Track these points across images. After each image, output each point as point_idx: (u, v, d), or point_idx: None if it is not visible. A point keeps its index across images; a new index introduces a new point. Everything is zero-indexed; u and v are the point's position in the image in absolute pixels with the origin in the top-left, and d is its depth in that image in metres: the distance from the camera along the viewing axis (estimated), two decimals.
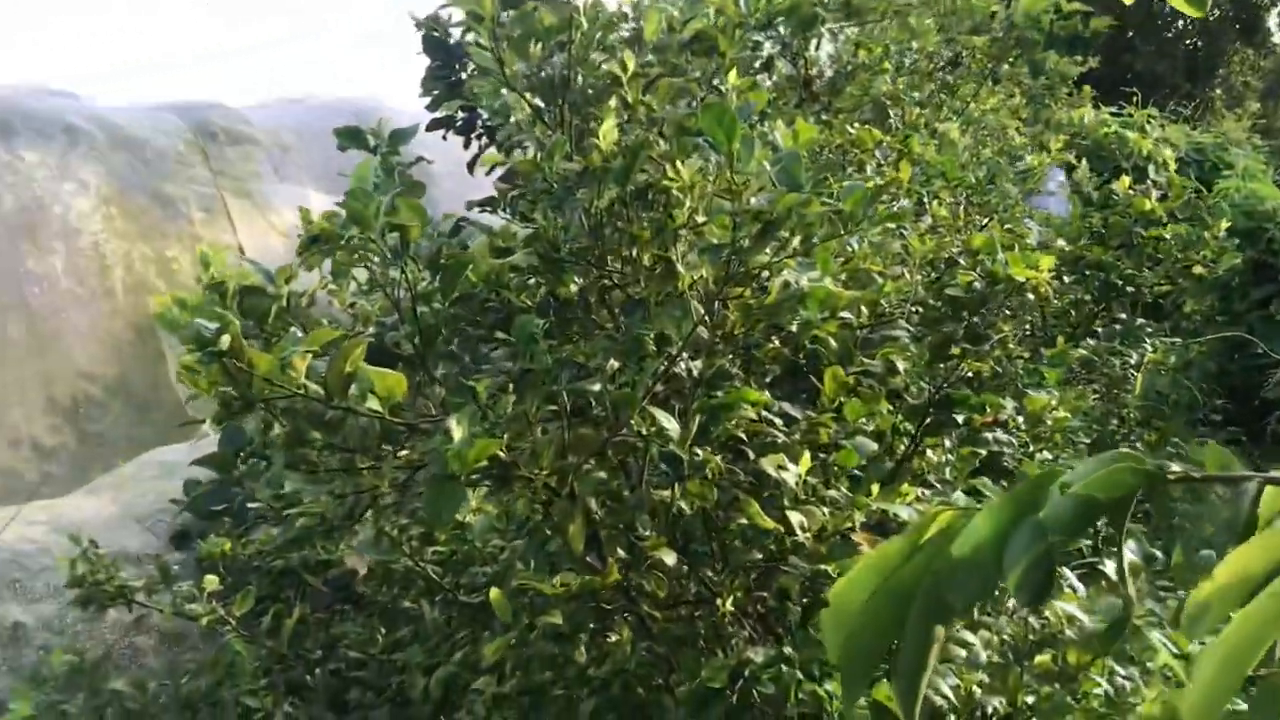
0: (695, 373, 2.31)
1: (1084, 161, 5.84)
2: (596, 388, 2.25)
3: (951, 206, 4.80)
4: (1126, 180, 5.30)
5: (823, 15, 5.15)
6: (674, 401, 2.37)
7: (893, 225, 3.26)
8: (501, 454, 2.09)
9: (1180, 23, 25.84)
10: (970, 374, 3.05)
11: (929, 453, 2.90)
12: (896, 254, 3.77)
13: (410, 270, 2.29)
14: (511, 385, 2.20)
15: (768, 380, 2.81)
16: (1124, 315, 5.57)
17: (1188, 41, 26.08)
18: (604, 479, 2.34)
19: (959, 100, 7.74)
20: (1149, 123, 11.94)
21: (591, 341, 2.45)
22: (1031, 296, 3.03)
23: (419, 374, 2.40)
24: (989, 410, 3.02)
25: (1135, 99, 11.85)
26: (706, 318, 2.26)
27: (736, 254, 2.14)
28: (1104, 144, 9.49)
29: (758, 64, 5.18)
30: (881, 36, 5.77)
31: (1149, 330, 6.03)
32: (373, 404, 2.12)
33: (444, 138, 4.12)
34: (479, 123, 4.09)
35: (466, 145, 4.18)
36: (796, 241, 2.23)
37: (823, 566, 2.39)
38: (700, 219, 2.27)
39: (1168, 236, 5.13)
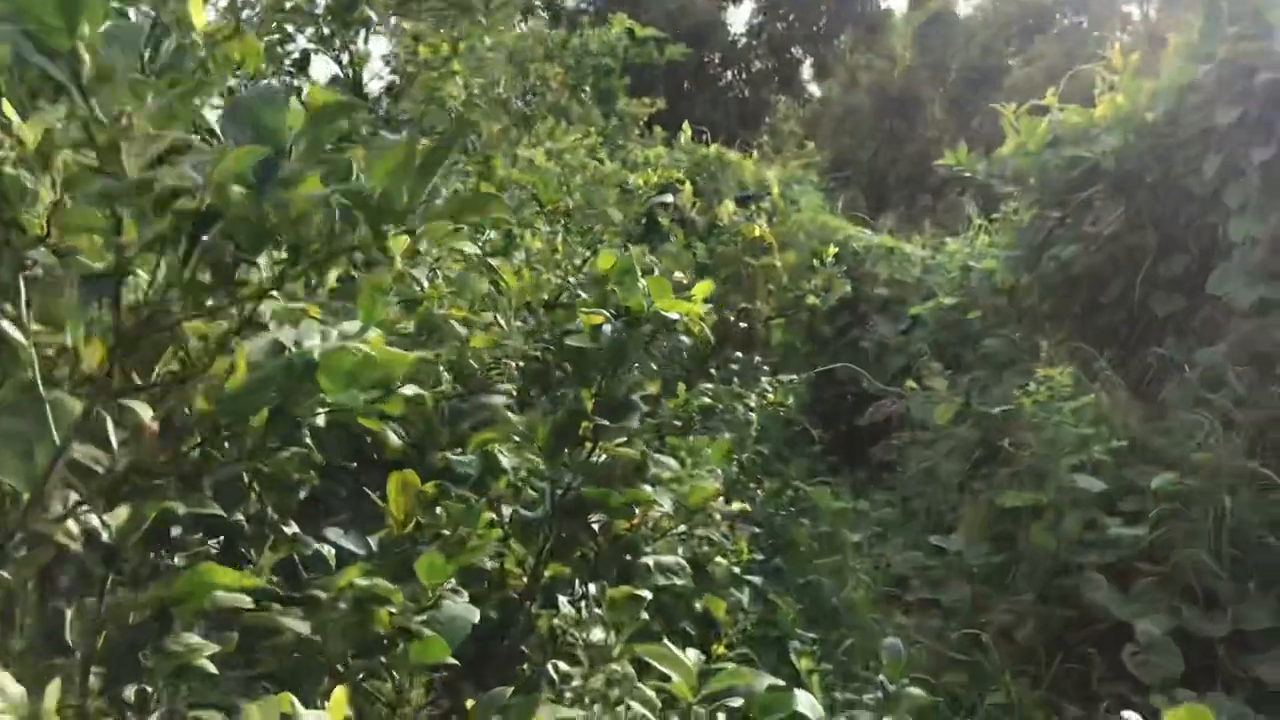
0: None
1: (688, 185, 5.33)
2: None
3: (548, 237, 3.92)
4: (729, 205, 4.76)
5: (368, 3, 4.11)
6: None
7: (474, 253, 2.23)
8: None
9: (729, 74, 27.65)
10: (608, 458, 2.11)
11: (560, 603, 1.87)
12: (486, 295, 2.77)
13: None
14: None
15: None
16: (740, 354, 5.03)
17: (734, 92, 27.96)
18: None
19: (535, 136, 7.02)
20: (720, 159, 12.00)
21: None
22: (686, 339, 2.16)
23: None
24: (639, 510, 2.10)
25: (705, 137, 11.90)
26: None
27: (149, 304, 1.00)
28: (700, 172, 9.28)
29: (288, 61, 4.02)
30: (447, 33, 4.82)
31: (765, 368, 5.58)
32: None
33: None
34: None
35: None
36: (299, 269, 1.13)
37: None
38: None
39: (778, 264, 4.64)
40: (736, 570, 3.49)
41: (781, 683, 1.79)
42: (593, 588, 1.83)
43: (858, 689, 3.64)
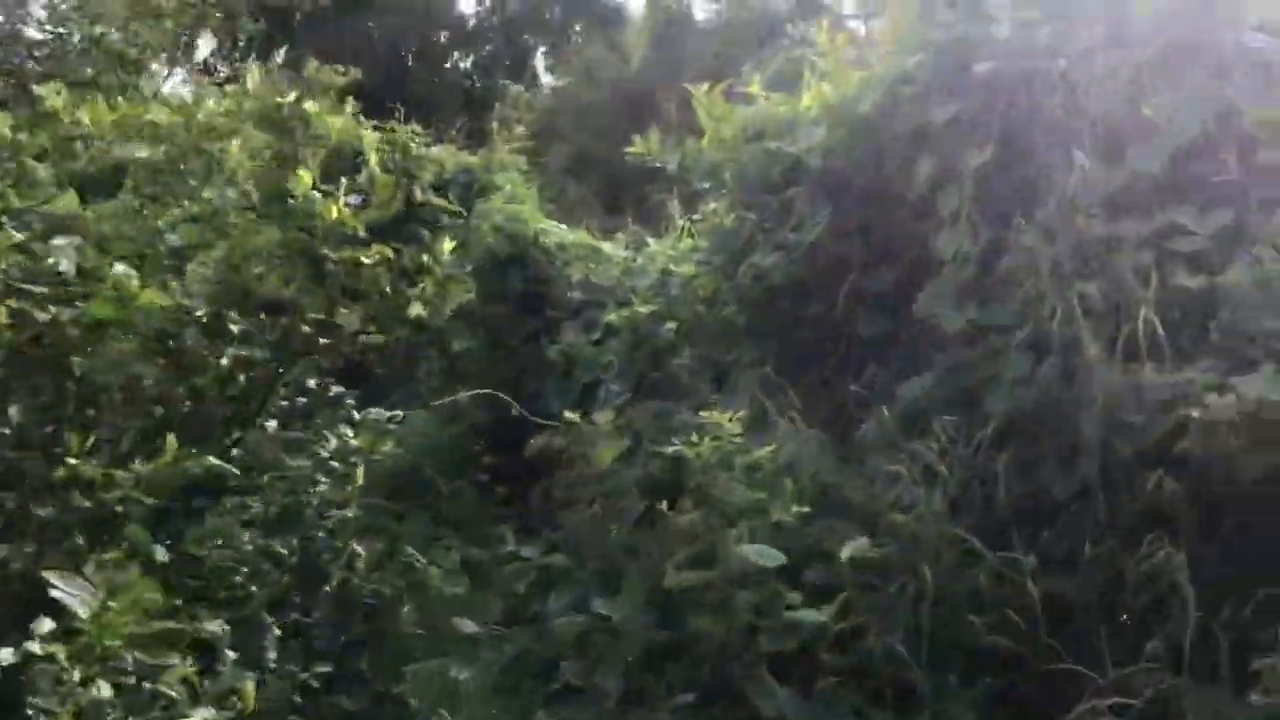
0: None
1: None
2: None
3: None
4: (307, 176, 3.48)
5: None
6: None
7: None
8: None
9: (455, 55, 26.17)
10: None
11: None
12: None
13: None
14: None
15: None
16: (313, 382, 3.75)
17: (464, 77, 26.50)
18: None
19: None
20: (413, 139, 10.64)
21: None
22: None
23: None
24: None
25: (399, 114, 10.48)
26: None
27: None
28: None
29: None
30: None
31: (352, 401, 4.25)
32: None
33: None
34: None
35: None
36: None
37: None
38: None
39: (368, 261, 3.39)
40: None
41: None
42: None
43: None
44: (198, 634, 2.82)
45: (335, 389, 4.06)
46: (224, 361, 3.31)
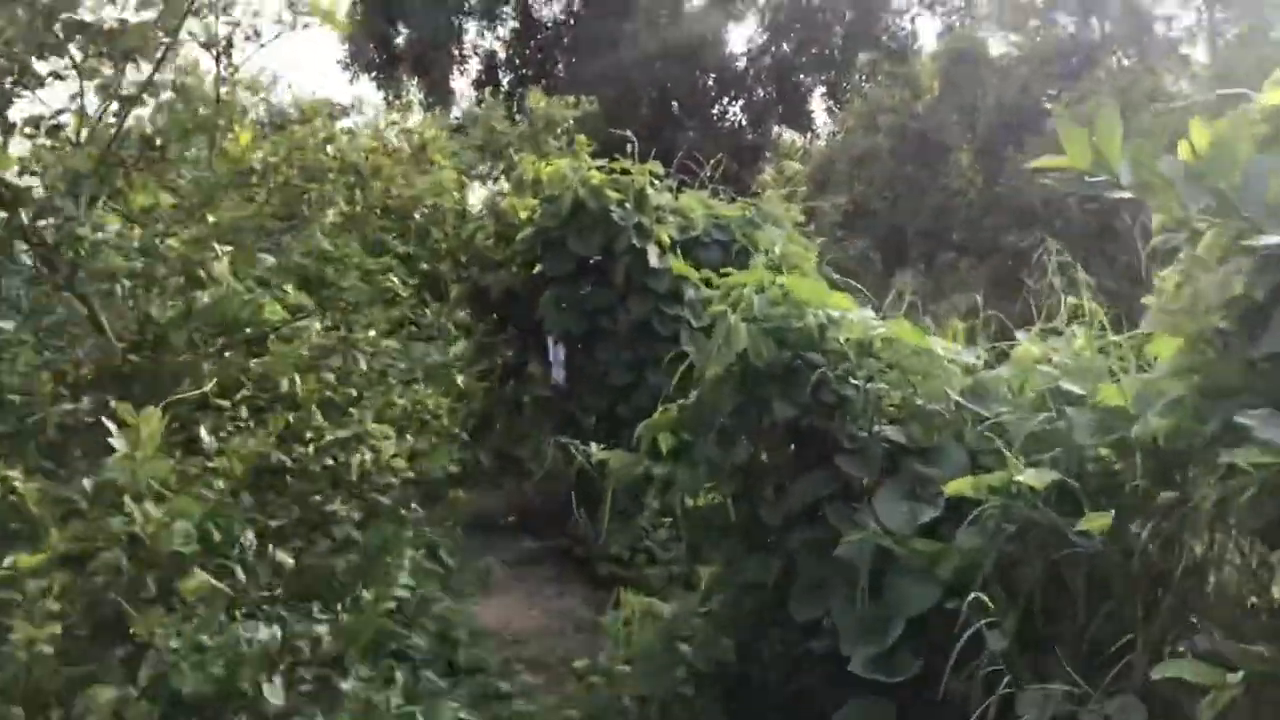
0: None
1: None
2: None
3: None
4: None
5: None
6: None
7: None
8: None
9: (725, 99, 23.63)
10: None
11: None
12: None
13: None
14: None
15: None
16: None
17: (731, 121, 23.91)
18: None
19: None
20: (652, 183, 7.88)
21: None
22: None
23: None
24: None
25: (631, 148, 7.78)
26: None
27: None
28: None
29: None
30: None
31: None
32: None
33: None
34: None
35: None
36: None
37: None
38: None
39: None
40: None
41: None
42: None
43: None
44: None
45: None
46: None
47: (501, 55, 23.15)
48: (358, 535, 3.54)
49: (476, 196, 9.20)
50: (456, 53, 22.82)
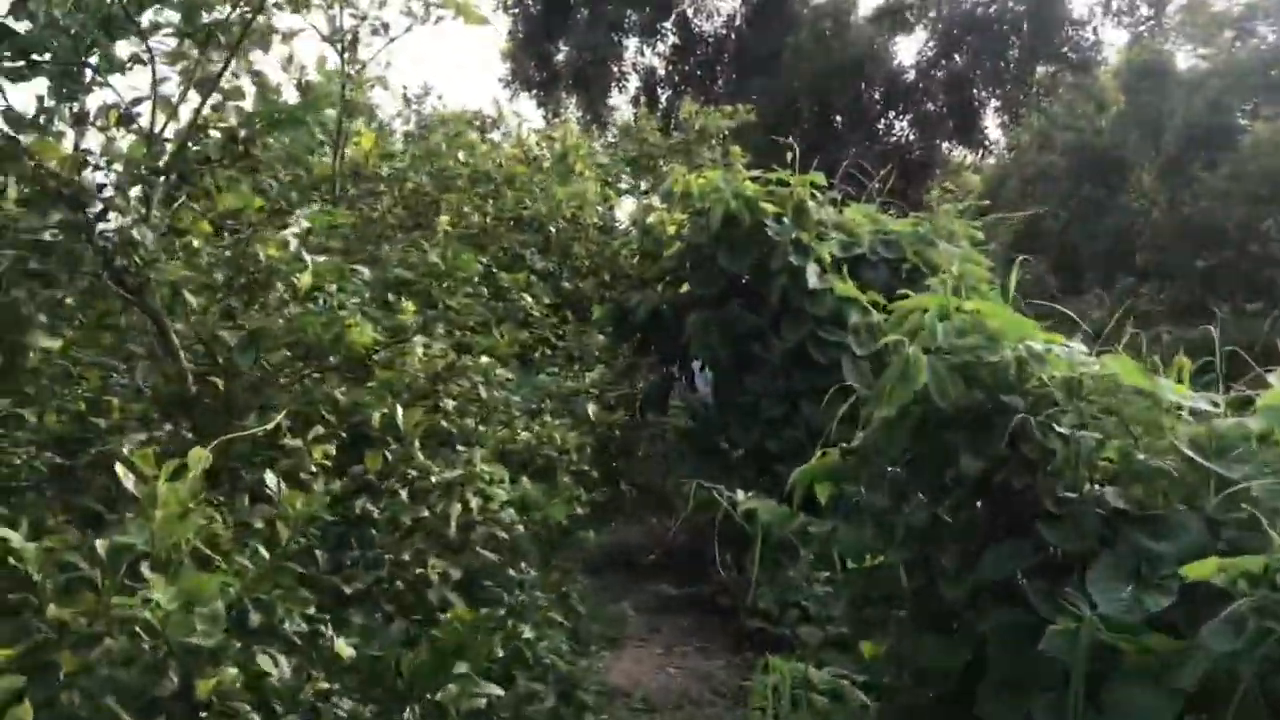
0: None
1: None
2: None
3: None
4: None
5: None
6: None
7: None
8: None
9: (891, 114, 22.61)
10: None
11: None
12: None
13: None
14: None
15: None
16: None
17: (897, 136, 22.85)
18: None
19: None
20: (813, 196, 7.18)
21: None
22: None
23: None
24: None
25: (791, 158, 7.09)
26: None
27: None
28: None
29: None
30: None
31: None
32: None
33: None
34: None
35: None
36: None
37: None
38: None
39: None
40: None
41: None
42: None
43: None
44: None
45: None
46: None
47: (661, 72, 22.79)
48: (455, 598, 2.99)
49: (625, 212, 8.67)
50: (616, 70, 22.57)
